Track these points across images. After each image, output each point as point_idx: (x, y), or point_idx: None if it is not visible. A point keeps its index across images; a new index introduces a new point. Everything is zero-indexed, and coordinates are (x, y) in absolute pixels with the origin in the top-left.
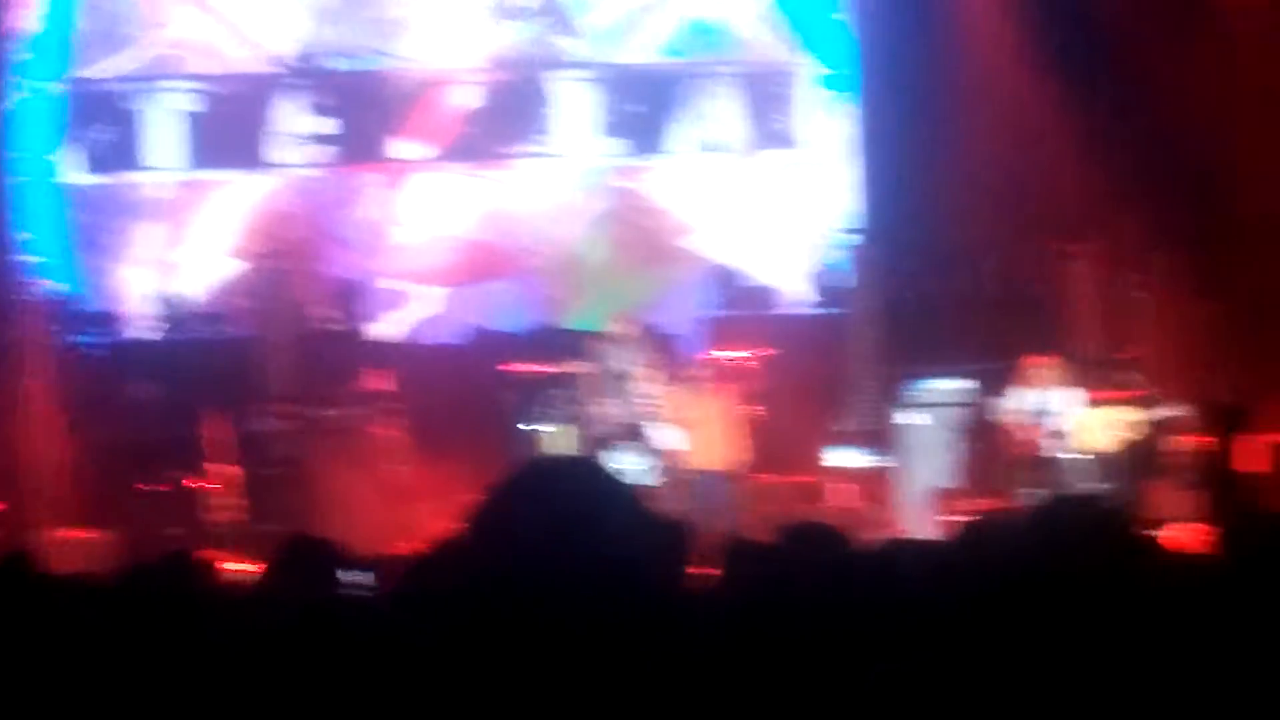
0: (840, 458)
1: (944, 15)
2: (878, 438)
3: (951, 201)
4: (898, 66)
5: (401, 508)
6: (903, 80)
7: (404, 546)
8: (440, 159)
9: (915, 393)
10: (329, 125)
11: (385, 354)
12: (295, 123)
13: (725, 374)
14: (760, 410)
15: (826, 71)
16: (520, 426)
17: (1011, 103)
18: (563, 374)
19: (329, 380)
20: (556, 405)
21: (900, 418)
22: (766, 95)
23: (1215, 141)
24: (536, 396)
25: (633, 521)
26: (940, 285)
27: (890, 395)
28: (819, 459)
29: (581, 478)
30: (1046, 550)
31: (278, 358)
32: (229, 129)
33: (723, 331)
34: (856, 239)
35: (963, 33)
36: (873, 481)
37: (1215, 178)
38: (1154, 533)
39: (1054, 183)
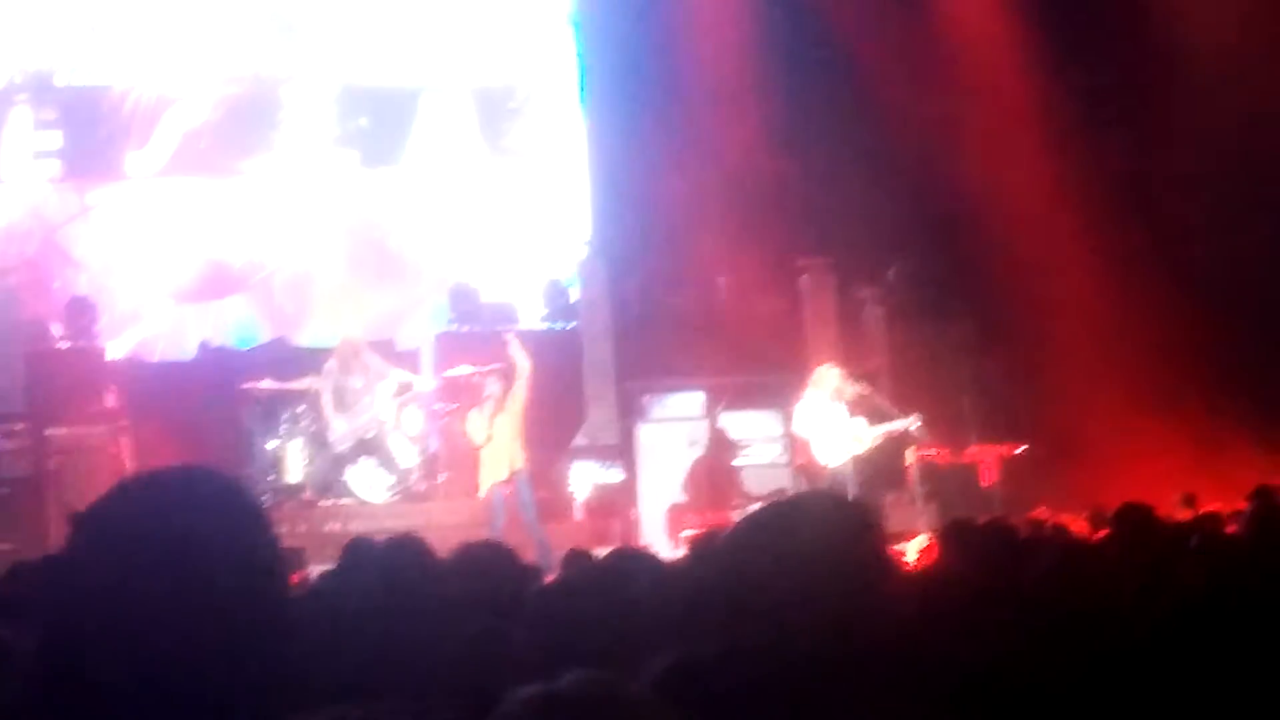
0: (579, 472)
1: (678, 27)
2: (616, 452)
3: (683, 217)
4: (628, 80)
5: None
6: (632, 94)
7: None
8: (171, 172)
9: (652, 408)
10: (57, 140)
11: (118, 371)
12: (23, 138)
13: (462, 390)
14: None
15: (562, 84)
16: (258, 444)
17: (743, 119)
18: (299, 391)
19: (61, 398)
20: (295, 422)
21: (638, 432)
22: (501, 109)
23: (944, 158)
24: (274, 414)
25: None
26: (674, 300)
27: (627, 410)
28: (558, 474)
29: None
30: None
31: (7, 375)
32: None
33: (459, 347)
34: (584, 253)
35: (697, 45)
36: (611, 496)
37: (947, 196)
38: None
39: (786, 199)
